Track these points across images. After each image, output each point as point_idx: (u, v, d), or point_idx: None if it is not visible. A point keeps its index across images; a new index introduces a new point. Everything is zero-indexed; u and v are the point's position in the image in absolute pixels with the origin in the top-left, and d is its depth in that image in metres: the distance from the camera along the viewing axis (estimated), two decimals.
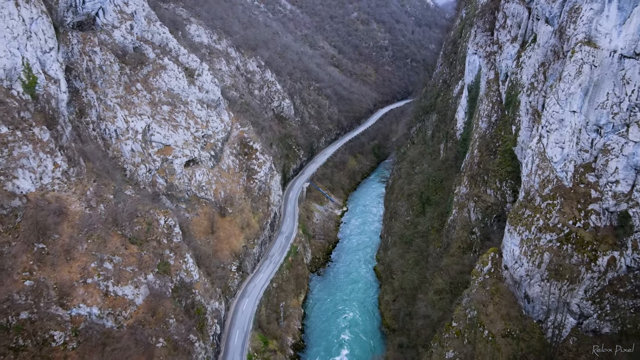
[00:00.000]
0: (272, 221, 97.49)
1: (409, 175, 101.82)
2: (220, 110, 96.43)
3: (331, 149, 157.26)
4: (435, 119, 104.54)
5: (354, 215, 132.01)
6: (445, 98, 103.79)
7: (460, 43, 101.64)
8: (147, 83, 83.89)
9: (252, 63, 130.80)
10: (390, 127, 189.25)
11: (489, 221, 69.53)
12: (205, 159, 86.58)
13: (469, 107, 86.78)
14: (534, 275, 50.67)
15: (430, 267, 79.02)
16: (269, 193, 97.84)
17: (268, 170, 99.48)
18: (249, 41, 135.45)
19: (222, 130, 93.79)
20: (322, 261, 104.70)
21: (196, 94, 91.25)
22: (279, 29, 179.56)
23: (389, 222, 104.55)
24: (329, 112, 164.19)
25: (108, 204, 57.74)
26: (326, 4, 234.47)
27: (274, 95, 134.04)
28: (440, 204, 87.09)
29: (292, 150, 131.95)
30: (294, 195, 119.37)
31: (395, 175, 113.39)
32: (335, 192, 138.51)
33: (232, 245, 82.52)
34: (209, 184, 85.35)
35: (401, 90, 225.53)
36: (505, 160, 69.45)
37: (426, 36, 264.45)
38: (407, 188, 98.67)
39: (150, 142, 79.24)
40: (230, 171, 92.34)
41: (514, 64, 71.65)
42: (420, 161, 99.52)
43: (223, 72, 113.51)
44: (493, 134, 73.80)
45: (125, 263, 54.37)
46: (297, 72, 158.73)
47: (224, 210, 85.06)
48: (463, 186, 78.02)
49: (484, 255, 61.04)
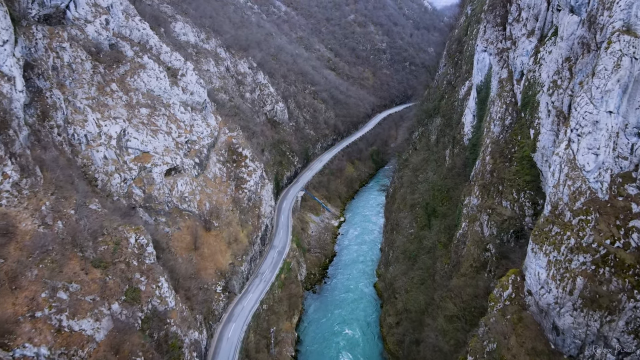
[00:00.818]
0: (263, 235, 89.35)
1: (412, 183, 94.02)
2: (206, 113, 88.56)
3: (327, 155, 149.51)
4: (439, 123, 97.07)
5: (352, 225, 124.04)
6: (450, 100, 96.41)
7: (467, 41, 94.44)
8: (124, 83, 75.95)
9: (243, 64, 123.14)
10: (389, 132, 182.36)
11: (505, 237, 61.78)
12: (188, 167, 78.58)
13: (478, 109, 79.36)
14: (565, 303, 43.41)
15: (437, 287, 71.09)
16: (260, 204, 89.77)
17: (259, 178, 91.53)
18: (240, 41, 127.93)
19: (208, 136, 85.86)
20: (317, 277, 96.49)
21: (179, 95, 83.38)
22: (273, 31, 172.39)
23: (390, 234, 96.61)
24: (325, 117, 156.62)
25: (68, 221, 49.51)
26: (322, 6, 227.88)
27: (266, 98, 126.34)
28: (448, 215, 79.36)
29: (286, 156, 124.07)
30: (288, 205, 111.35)
31: (397, 184, 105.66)
32: (332, 201, 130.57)
33: (218, 263, 74.33)
34: (193, 195, 77.29)
35: (400, 95, 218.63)
36: (523, 168, 61.88)
37: (425, 39, 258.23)
38: (410, 198, 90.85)
39: (126, 148, 71.18)
40: (216, 180, 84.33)
41: (530, 61, 64.35)
42: (424, 168, 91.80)
43: (211, 74, 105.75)
44: (508, 138, 66.28)
45: (85, 291, 46.07)
46: (292, 75, 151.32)
47: (209, 224, 76.94)
48: (474, 197, 70.34)
49: (504, 278, 53.30)
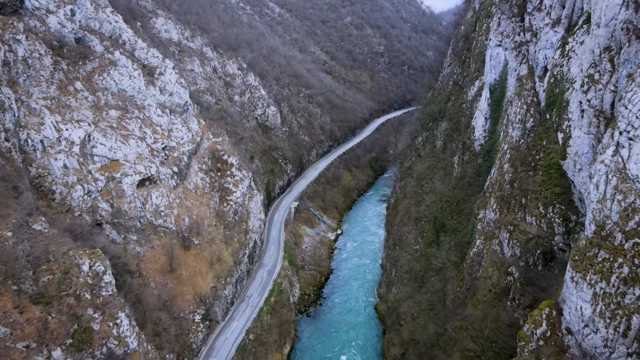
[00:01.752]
0: (251, 252, 79.93)
1: (417, 194, 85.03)
2: (187, 117, 79.43)
3: (323, 162, 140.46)
4: (446, 127, 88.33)
5: (350, 238, 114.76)
6: (457, 102, 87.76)
7: (475, 37, 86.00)
8: (91, 82, 66.77)
9: (232, 65, 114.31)
10: (388, 138, 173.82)
11: (531, 259, 52.72)
12: (165, 176, 69.27)
13: (492, 111, 70.65)
14: (617, 347, 34.10)
15: (449, 315, 61.78)
16: (247, 218, 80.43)
17: (246, 189, 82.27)
18: (229, 41, 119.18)
19: (189, 141, 76.65)
20: (312, 298, 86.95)
21: (156, 96, 74.26)
22: (266, 31, 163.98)
23: (392, 250, 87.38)
24: (321, 122, 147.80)
25: (2, 246, 40.15)
26: (317, 8, 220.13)
27: (257, 101, 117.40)
28: (459, 231, 70.31)
29: (278, 164, 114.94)
30: (280, 218, 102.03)
31: (399, 194, 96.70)
32: (328, 212, 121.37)
33: (198, 287, 64.81)
34: (170, 209, 67.89)
35: (398, 99, 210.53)
36: (551, 178, 52.94)
37: (423, 42, 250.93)
38: (414, 210, 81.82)
39: (91, 156, 61.81)
40: (198, 191, 75.01)
41: (556, 54, 55.64)
42: (430, 177, 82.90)
43: (196, 74, 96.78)
44: (530, 144, 57.43)
45: (17, 337, 36.49)
46: (285, 77, 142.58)
47: (189, 242, 67.53)
48: (490, 210, 61.34)
49: (536, 312, 43.93)
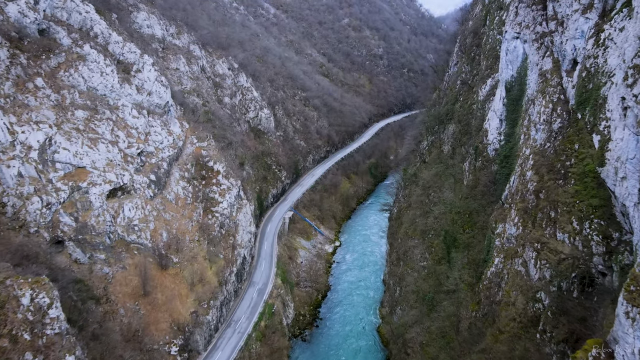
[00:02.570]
0: (240, 270, 71.68)
1: (423, 204, 77.14)
2: (169, 119, 71.54)
3: (320, 168, 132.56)
4: (454, 131, 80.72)
5: (349, 250, 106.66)
6: (466, 103, 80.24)
7: (486, 32, 78.63)
8: (55, 79, 58.79)
9: (222, 65, 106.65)
10: (388, 143, 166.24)
11: (565, 284, 44.77)
12: (141, 185, 61.18)
13: (508, 111, 62.99)
14: None
15: (465, 344, 53.73)
16: (235, 231, 72.30)
17: (234, 199, 74.19)
18: (219, 39, 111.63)
19: (170, 146, 68.65)
20: (308, 319, 78.59)
21: (132, 95, 66.35)
22: (260, 32, 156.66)
23: (396, 266, 79.30)
24: (318, 126, 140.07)
25: None
26: (314, 9, 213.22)
27: (249, 104, 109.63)
28: (472, 246, 62.40)
29: (272, 171, 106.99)
30: (273, 229, 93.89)
31: (402, 204, 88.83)
32: (325, 222, 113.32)
33: (175, 313, 56.51)
34: (145, 222, 59.73)
35: (398, 103, 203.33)
36: (586, 188, 45.07)
37: (423, 45, 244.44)
38: (421, 222, 73.88)
39: (53, 162, 53.72)
40: (179, 202, 66.89)
41: (589, 44, 48.06)
42: (438, 186, 75.10)
43: (181, 73, 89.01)
44: (559, 148, 49.63)
45: None
46: (280, 79, 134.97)
47: (166, 260, 59.32)
48: (511, 224, 53.47)
49: (580, 354, 35.99)
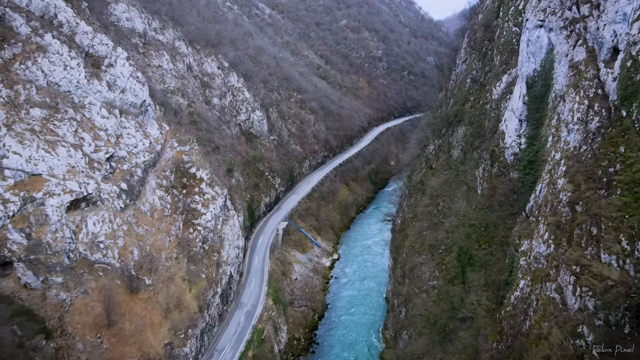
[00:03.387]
0: (225, 290, 63.41)
1: (431, 215, 69.21)
2: (145, 119, 63.60)
3: (317, 175, 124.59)
4: (464, 133, 72.97)
5: (348, 263, 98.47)
6: (478, 103, 72.57)
7: (499, 24, 71.09)
8: (9, 72, 50.81)
9: (211, 63, 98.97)
10: (388, 148, 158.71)
11: (614, 317, 36.70)
12: (109, 195, 53.07)
13: (530, 110, 55.08)
14: None
15: None
16: (221, 246, 64.13)
17: (220, 209, 66.10)
18: (208, 37, 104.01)
19: (146, 150, 60.64)
20: (303, 344, 70.18)
21: (102, 93, 58.40)
22: (254, 31, 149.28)
23: (401, 284, 71.13)
24: (314, 130, 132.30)
25: None
26: (311, 10, 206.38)
27: (240, 105, 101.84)
28: (490, 265, 54.23)
29: (264, 177, 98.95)
30: (265, 242, 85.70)
31: (407, 214, 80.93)
32: (322, 232, 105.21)
33: (145, 346, 48.14)
34: (113, 238, 51.55)
35: (399, 106, 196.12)
36: (638, 199, 37.29)
37: (423, 48, 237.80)
38: (430, 236, 65.88)
39: (0, 169, 45.79)
40: (155, 214, 58.70)
41: (633, 29, 40.47)
42: (449, 195, 67.22)
43: (164, 71, 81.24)
44: (598, 151, 41.61)
45: None
46: (274, 80, 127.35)
47: (137, 282, 51.08)
48: (539, 241, 45.26)
49: None
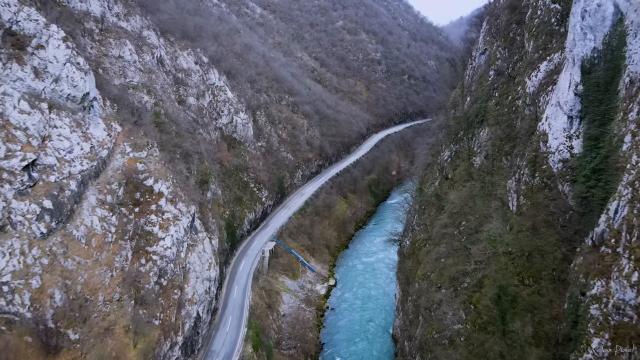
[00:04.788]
0: (189, 337, 49.10)
1: (451, 237, 55.49)
2: (88, 118, 49.78)
3: (311, 186, 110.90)
4: (489, 136, 59.57)
5: (346, 288, 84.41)
6: (506, 99, 59.25)
7: (532, 3, 57.95)
8: None
9: (187, 58, 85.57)
10: (389, 156, 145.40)
11: None
12: (25, 217, 39.08)
13: (589, 103, 41.68)
14: None
15: None
16: (185, 280, 49.92)
17: (185, 232, 52.07)
18: (186, 28, 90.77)
19: (85, 157, 46.75)
20: None
21: (25, 81, 44.66)
22: (241, 28, 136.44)
23: (413, 323, 56.97)
24: (308, 136, 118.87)
25: None
26: (305, 10, 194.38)
27: (222, 106, 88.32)
28: (540, 309, 40.22)
29: (249, 190, 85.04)
30: (248, 267, 71.58)
31: (419, 235, 67.22)
32: (317, 253, 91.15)
33: None
34: (25, 277, 37.42)
35: (399, 112, 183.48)
36: None
37: (424, 51, 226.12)
38: (450, 265, 52.02)
39: None
40: (93, 241, 44.60)
41: None
42: (474, 212, 53.64)
43: (126, 63, 67.71)
44: None
45: None
46: (263, 80, 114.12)
47: (57, 338, 36.91)
48: (623, 284, 31.55)
49: None
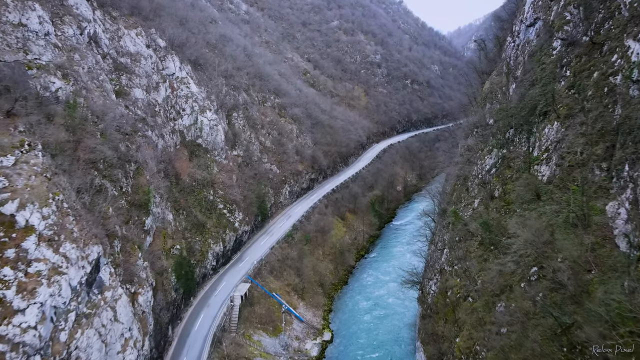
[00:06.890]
0: None
1: (508, 288, 34.77)
2: None
3: (301, 206, 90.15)
4: (562, 134, 39.28)
5: (347, 344, 63.06)
6: (589, 79, 39.25)
7: None
8: None
9: (135, 39, 65.56)
10: (393, 169, 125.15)
11: None
12: None
13: None
14: None
15: None
16: None
17: (72, 294, 31.29)
18: (138, 3, 70.90)
19: None
20: None
21: None
22: (221, 19, 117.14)
23: None
24: (298, 144, 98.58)
25: None
26: (297, 8, 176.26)
27: (183, 103, 68.14)
28: None
29: (217, 213, 64.17)
30: (208, 324, 50.39)
31: (452, 280, 46.10)
32: (307, 295, 69.83)
33: None
34: None
35: (402, 119, 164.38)
36: None
37: (426, 55, 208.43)
38: (519, 343, 31.31)
39: None
40: None
41: None
42: (555, 253, 33.07)
43: (30, 34, 47.16)
44: None
45: None
46: (243, 77, 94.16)
47: None
48: None
49: None
